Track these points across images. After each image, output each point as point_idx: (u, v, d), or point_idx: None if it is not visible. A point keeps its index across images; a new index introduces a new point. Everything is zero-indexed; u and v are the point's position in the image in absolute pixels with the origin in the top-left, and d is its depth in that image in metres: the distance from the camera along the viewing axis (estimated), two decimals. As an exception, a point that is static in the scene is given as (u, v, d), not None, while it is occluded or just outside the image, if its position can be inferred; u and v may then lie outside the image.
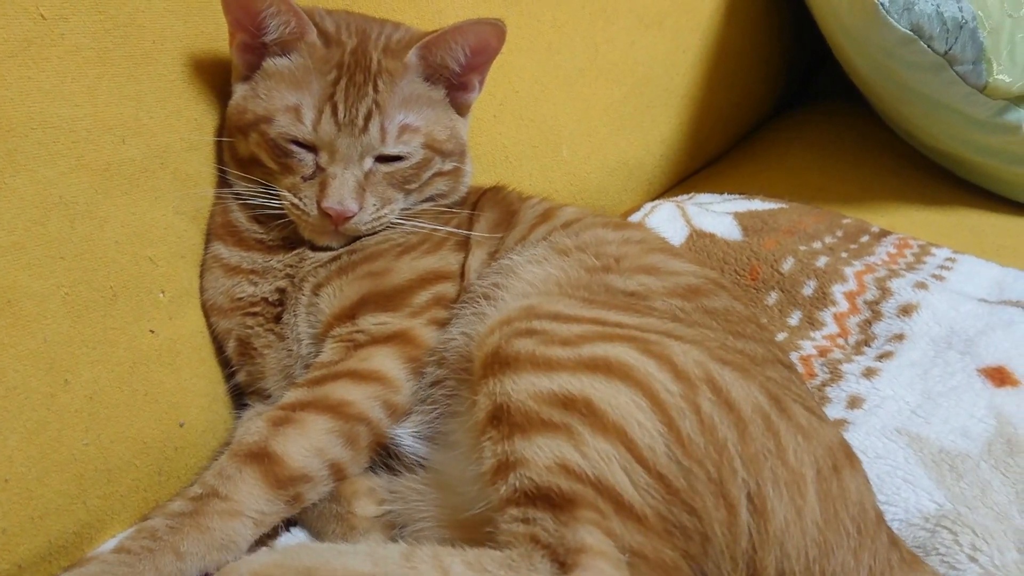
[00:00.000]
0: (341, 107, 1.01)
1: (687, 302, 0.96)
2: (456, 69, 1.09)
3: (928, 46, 1.36)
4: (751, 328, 0.97)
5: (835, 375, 1.14)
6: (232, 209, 1.08)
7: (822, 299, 1.27)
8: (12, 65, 0.88)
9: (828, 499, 0.75)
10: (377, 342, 0.99)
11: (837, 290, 1.28)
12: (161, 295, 1.01)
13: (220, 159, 1.09)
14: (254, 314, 1.05)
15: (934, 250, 1.42)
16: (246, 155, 1.05)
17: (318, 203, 1.01)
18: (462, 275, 1.06)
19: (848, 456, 0.81)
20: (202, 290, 1.07)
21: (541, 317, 0.86)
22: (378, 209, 1.04)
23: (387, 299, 1.02)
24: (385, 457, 0.97)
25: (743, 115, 1.98)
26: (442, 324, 1.02)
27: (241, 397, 1.09)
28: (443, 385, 0.96)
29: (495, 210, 1.14)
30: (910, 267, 1.38)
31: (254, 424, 0.92)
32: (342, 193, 1.01)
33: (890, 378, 1.11)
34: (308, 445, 0.90)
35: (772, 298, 1.29)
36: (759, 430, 0.77)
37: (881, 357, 1.16)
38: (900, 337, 1.19)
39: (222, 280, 1.06)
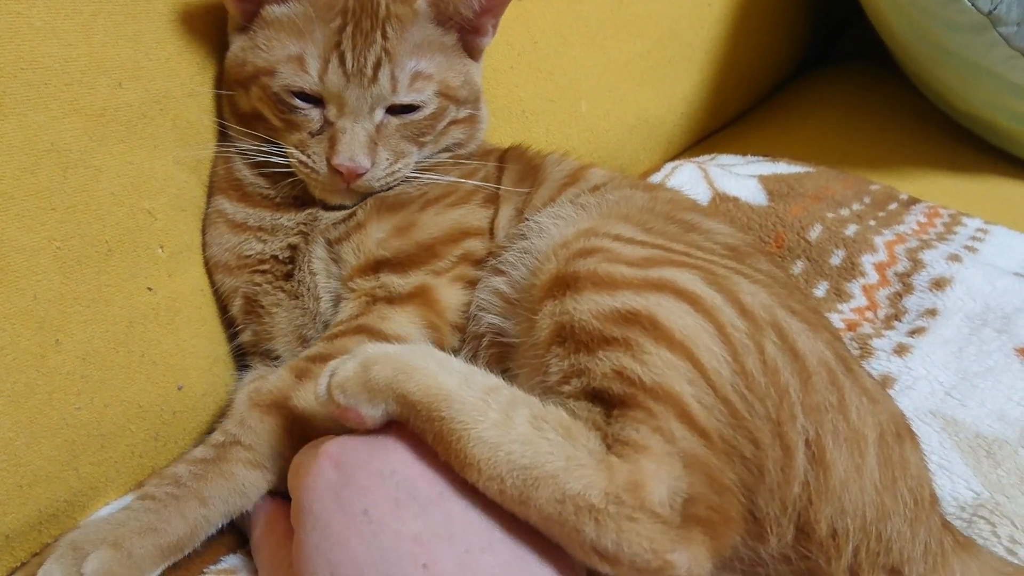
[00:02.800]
0: (348, 56, 0.94)
1: (731, 260, 0.91)
2: (469, 14, 1.02)
3: (971, 4, 1.28)
4: (798, 294, 0.92)
5: (865, 351, 1.08)
6: (235, 164, 1.01)
7: (850, 270, 1.22)
8: (1, 1, 0.81)
9: (888, 464, 0.72)
10: (396, 301, 0.94)
11: (866, 261, 1.22)
12: (160, 250, 0.95)
13: (220, 113, 1.02)
14: (263, 271, 1.00)
15: (965, 220, 1.36)
16: (248, 110, 0.99)
17: (328, 160, 0.95)
18: (491, 230, 1.01)
19: (910, 431, 0.78)
20: (205, 246, 1.01)
21: (602, 236, 0.84)
22: (391, 164, 0.98)
23: (410, 257, 0.96)
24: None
25: (766, 74, 1.91)
26: (470, 283, 0.97)
27: (243, 358, 1.04)
28: (485, 341, 0.93)
29: (518, 164, 1.08)
30: (940, 237, 1.32)
31: (276, 374, 0.89)
32: (353, 148, 0.94)
33: (923, 356, 1.06)
34: None
35: (798, 267, 1.23)
36: (823, 383, 0.74)
37: (913, 333, 1.11)
38: (932, 312, 1.14)
39: (228, 236, 1.00)
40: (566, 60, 1.38)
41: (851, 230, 1.26)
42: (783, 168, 1.44)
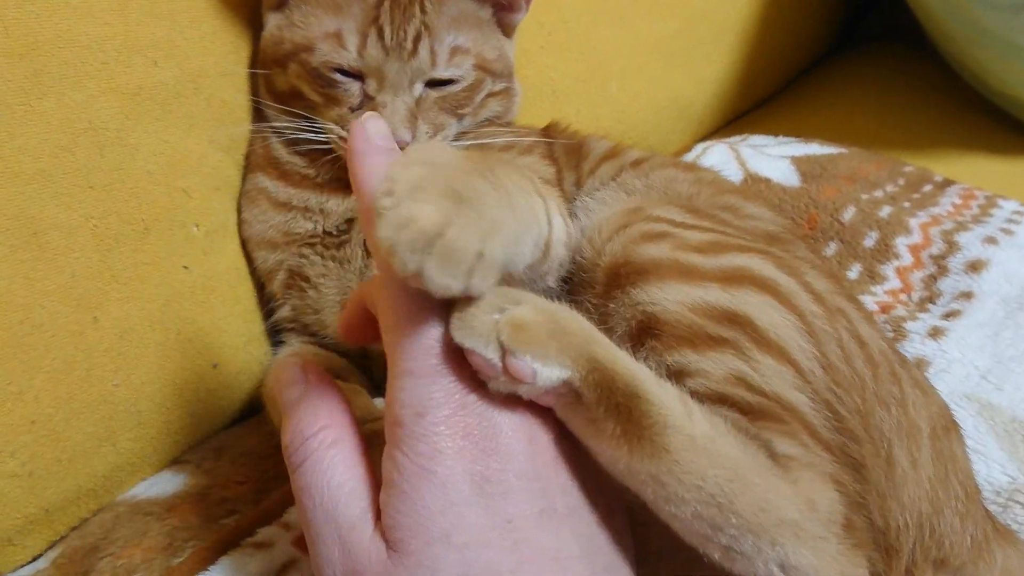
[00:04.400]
0: (387, 30, 0.94)
1: (771, 246, 0.90)
2: None
3: (1012, -16, 1.26)
4: (838, 281, 0.91)
5: (898, 334, 1.07)
6: (272, 143, 1.02)
7: (884, 252, 1.20)
8: (37, -23, 0.81)
9: (940, 458, 0.71)
10: None
11: (900, 243, 1.21)
12: (195, 229, 0.95)
13: (255, 92, 1.02)
14: (312, 244, 1.00)
15: (1001, 202, 1.34)
16: (285, 88, 0.99)
17: None
18: (561, 189, 1.00)
19: (955, 423, 0.77)
20: (244, 224, 1.01)
21: (656, 220, 0.79)
22: (431, 137, 0.98)
23: None
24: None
25: (797, 54, 1.89)
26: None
27: (276, 336, 1.05)
28: None
29: (562, 138, 1.09)
30: (976, 219, 1.30)
31: None
32: (393, 122, 0.94)
33: (957, 339, 1.05)
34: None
35: (831, 249, 1.22)
36: (886, 373, 0.72)
37: (947, 316, 1.10)
38: (968, 295, 1.12)
39: (271, 214, 1.00)
40: (596, 40, 1.37)
41: (885, 212, 1.24)
42: (815, 149, 1.42)
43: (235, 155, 1.02)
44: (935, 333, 1.06)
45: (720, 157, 1.37)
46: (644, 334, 0.72)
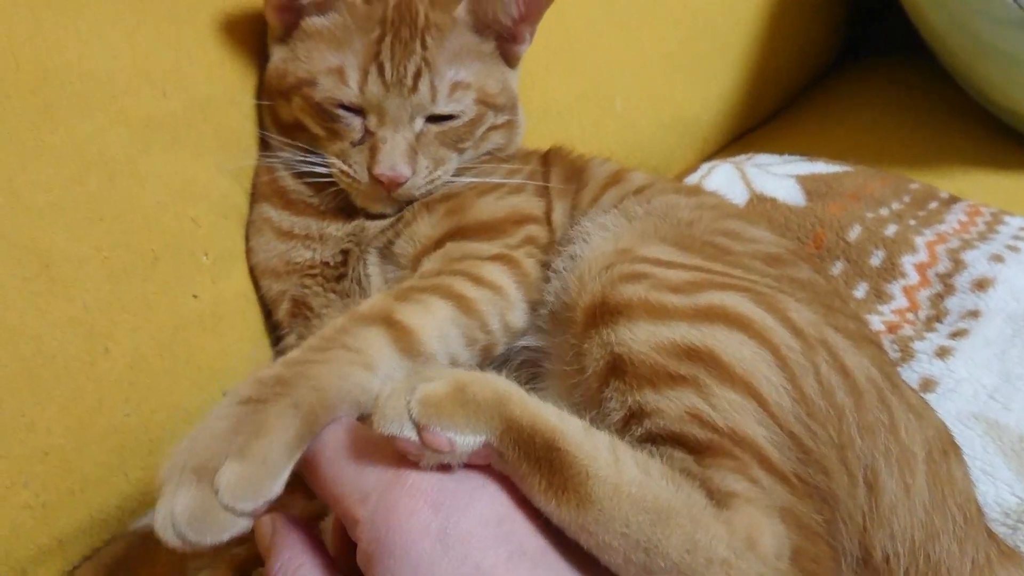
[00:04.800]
0: (388, 66, 0.95)
1: (772, 269, 0.91)
2: (507, 22, 1.03)
3: (1015, 1, 1.26)
4: (838, 303, 0.92)
5: (906, 354, 1.07)
6: (279, 173, 1.02)
7: (891, 270, 1.20)
8: (48, 10, 0.82)
9: (937, 482, 0.71)
10: (481, 259, 0.93)
11: (907, 261, 1.21)
12: (204, 257, 0.96)
13: (261, 122, 1.03)
14: (312, 275, 1.01)
15: (1007, 218, 1.34)
16: (289, 120, 1.00)
17: (369, 169, 0.96)
18: (548, 222, 1.01)
19: (954, 444, 0.77)
20: (251, 252, 1.02)
21: (641, 261, 0.81)
22: (431, 172, 0.99)
23: (476, 232, 0.97)
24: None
25: (801, 70, 1.89)
26: (541, 264, 0.96)
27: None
28: (519, 357, 0.92)
29: (562, 166, 1.09)
30: (982, 236, 1.30)
31: (373, 298, 0.84)
32: (393, 158, 0.95)
33: (965, 358, 1.05)
34: (435, 325, 0.82)
35: (837, 268, 1.22)
36: (873, 401, 0.72)
37: (954, 335, 1.10)
38: (975, 314, 1.12)
39: (275, 243, 1.01)
40: (601, 54, 1.38)
41: (891, 230, 1.25)
42: (821, 167, 1.42)
43: (243, 183, 1.03)
44: (942, 353, 1.07)
45: (725, 177, 1.38)
46: (610, 375, 0.74)
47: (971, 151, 1.62)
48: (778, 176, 1.38)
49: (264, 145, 1.04)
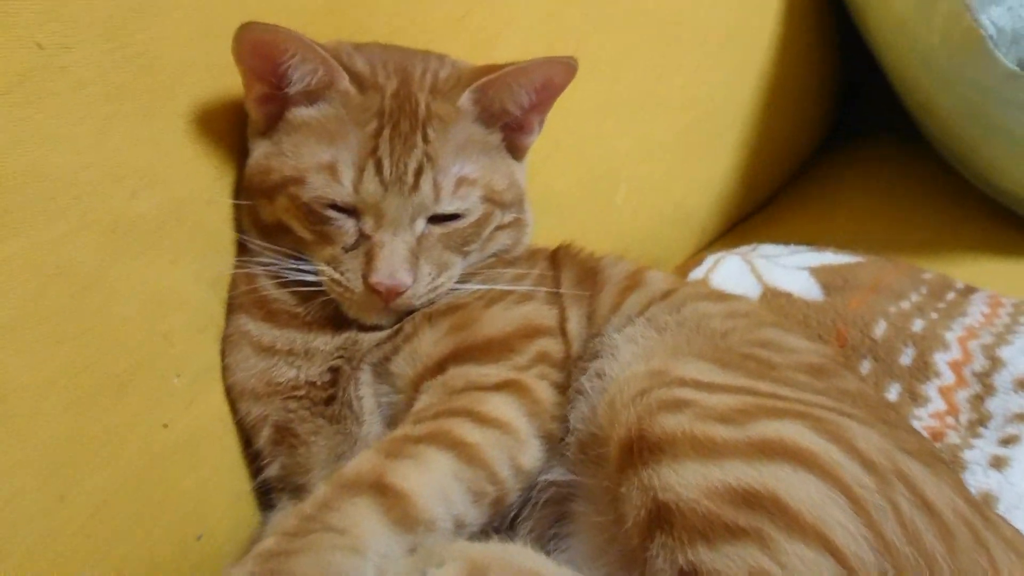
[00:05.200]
0: (386, 162, 0.85)
1: (818, 382, 0.82)
2: (516, 111, 0.94)
3: (1029, 81, 1.22)
4: (893, 415, 0.83)
5: (956, 465, 0.98)
6: (259, 280, 0.91)
7: (923, 369, 1.12)
8: (4, 103, 0.71)
9: None
10: (486, 389, 0.82)
11: (939, 359, 1.13)
12: (176, 379, 0.84)
13: (238, 225, 0.92)
14: (298, 397, 0.89)
15: (1029, 309, 1.28)
16: (271, 221, 0.89)
17: (364, 277, 0.85)
18: (563, 333, 0.91)
19: None
20: (227, 370, 0.90)
21: (679, 384, 0.73)
22: (434, 279, 0.89)
23: (482, 351, 0.86)
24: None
25: (794, 153, 1.84)
26: (557, 386, 0.86)
27: (267, 495, 0.92)
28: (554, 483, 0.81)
29: (573, 268, 0.99)
30: (1008, 329, 1.23)
31: (356, 458, 0.76)
32: (392, 264, 0.85)
33: (1023, 469, 0.96)
34: (434, 485, 0.73)
35: (865, 367, 1.14)
36: (967, 542, 0.64)
37: (1006, 442, 1.01)
38: (1022, 417, 1.04)
39: (254, 360, 0.89)
40: (603, 144, 1.30)
41: (918, 325, 1.17)
42: (831, 258, 1.35)
43: (220, 291, 0.92)
44: (997, 463, 0.97)
45: (735, 269, 1.30)
46: (655, 526, 0.65)
47: (973, 236, 1.57)
48: (789, 268, 1.30)
49: (243, 249, 0.93)
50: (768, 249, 1.40)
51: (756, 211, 1.74)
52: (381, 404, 0.89)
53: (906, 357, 1.13)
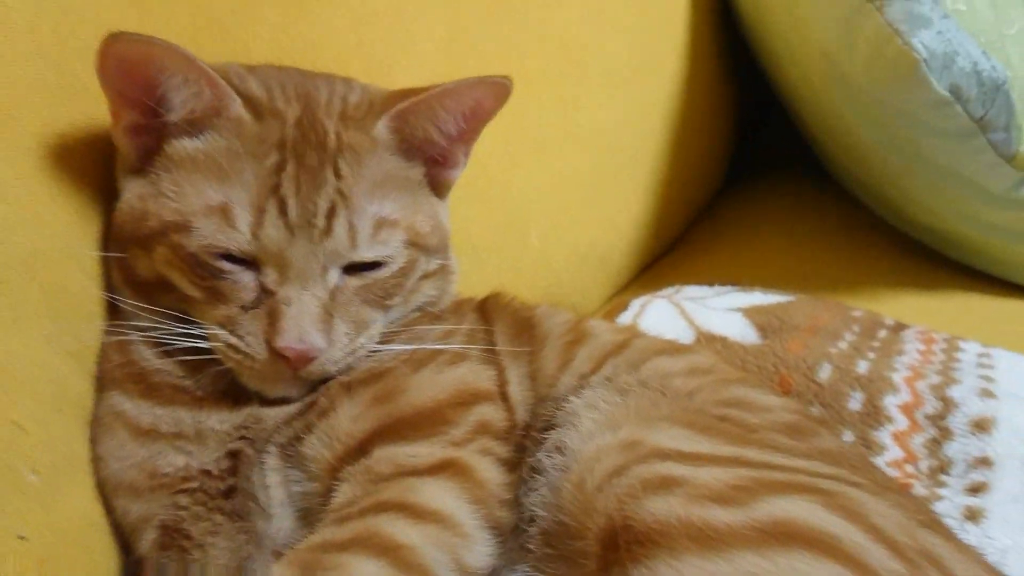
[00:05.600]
0: (291, 202, 0.71)
1: (798, 443, 0.73)
2: (441, 141, 0.81)
3: (964, 110, 1.17)
4: (880, 474, 0.75)
5: (929, 519, 0.90)
6: (135, 346, 0.75)
7: (874, 415, 1.04)
8: None
9: None
10: (419, 474, 0.69)
11: (890, 403, 1.05)
12: (32, 477, 0.66)
13: (107, 282, 0.76)
14: (189, 491, 0.73)
15: (962, 344, 1.22)
16: (149, 277, 0.73)
17: (268, 341, 0.71)
18: (504, 397, 0.78)
19: None
20: (99, 461, 0.74)
21: (659, 457, 0.63)
22: (351, 340, 0.75)
23: (411, 426, 0.72)
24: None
25: (700, 189, 1.78)
26: (502, 463, 0.73)
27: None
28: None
29: (506, 321, 0.87)
30: (948, 367, 1.17)
31: (274, 572, 0.62)
32: (302, 325, 0.71)
33: (1000, 521, 0.89)
34: None
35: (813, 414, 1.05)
36: None
37: (973, 490, 0.94)
38: (985, 462, 0.97)
39: (132, 447, 0.73)
40: (515, 182, 1.19)
41: (862, 367, 1.09)
42: (760, 298, 1.27)
43: (84, 361, 0.75)
44: (972, 515, 0.90)
45: (664, 314, 1.20)
46: None
47: (887, 270, 1.54)
48: (719, 310, 1.22)
49: (113, 312, 0.77)
50: (692, 291, 1.32)
51: (665, 252, 1.66)
52: (292, 494, 0.73)
53: (855, 402, 1.05)
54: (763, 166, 2.04)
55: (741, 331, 1.17)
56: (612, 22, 1.40)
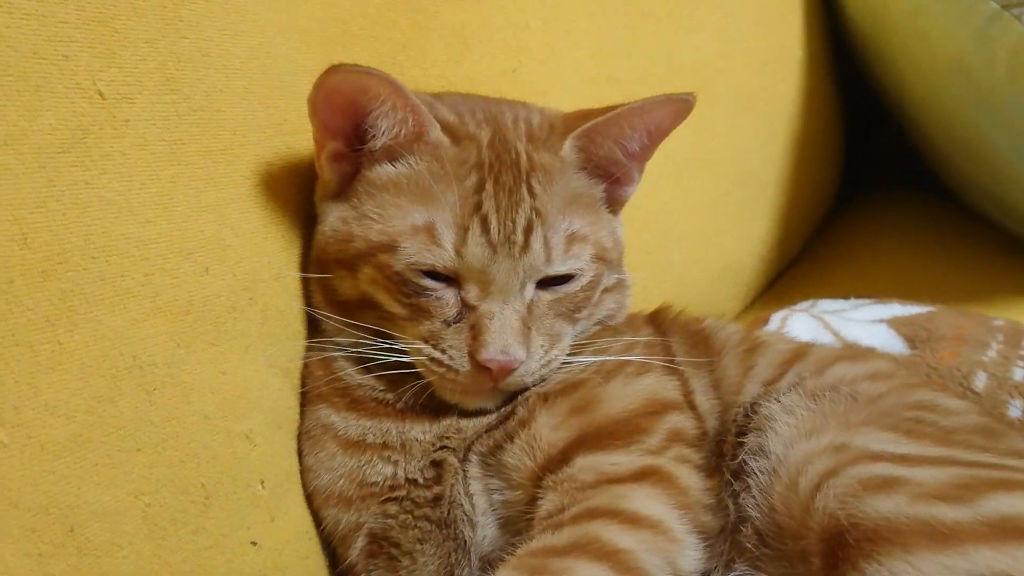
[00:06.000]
0: (493, 220, 0.74)
1: (996, 444, 0.73)
2: (623, 160, 0.82)
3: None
4: None
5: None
6: (338, 363, 0.78)
7: (1035, 423, 1.04)
8: (63, 163, 0.58)
9: None
10: (623, 481, 0.70)
11: (1051, 410, 1.04)
12: (260, 487, 0.70)
13: (308, 300, 0.79)
14: (397, 499, 0.76)
15: (1110, 351, 1.21)
16: (352, 296, 0.76)
17: (471, 354, 0.73)
18: (691, 407, 0.79)
19: None
20: (308, 472, 0.77)
21: (871, 459, 0.64)
22: (546, 352, 0.77)
23: (610, 436, 0.74)
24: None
25: (816, 208, 1.79)
26: (699, 470, 0.74)
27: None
28: None
29: (680, 333, 0.88)
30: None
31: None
32: (505, 338, 0.73)
33: None
34: None
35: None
36: None
37: None
38: None
39: (341, 459, 0.76)
40: (656, 205, 1.21)
41: (1019, 375, 1.08)
42: (900, 309, 1.26)
43: (292, 379, 0.79)
44: None
45: (807, 326, 1.20)
46: None
47: (1015, 282, 1.51)
48: (863, 323, 1.21)
49: (314, 330, 0.80)
50: (828, 304, 1.31)
51: (787, 268, 1.67)
52: (494, 502, 0.76)
53: (1015, 410, 1.04)
54: (871, 185, 2.03)
55: (888, 342, 1.16)
56: (739, 47, 1.43)
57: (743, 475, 0.72)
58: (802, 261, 1.71)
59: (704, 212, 1.32)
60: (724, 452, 0.76)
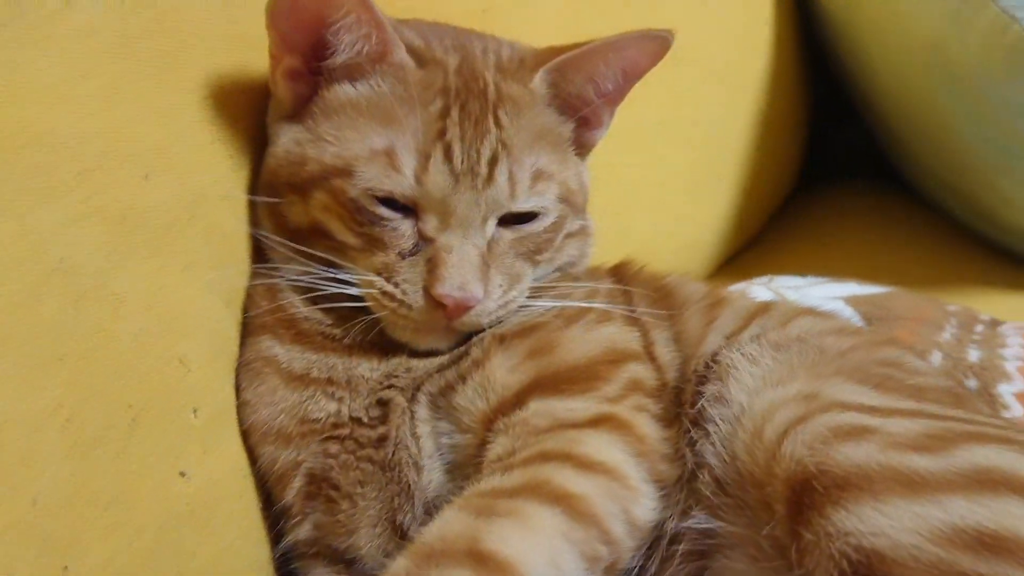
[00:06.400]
0: (457, 148, 0.70)
1: (961, 410, 0.71)
2: (594, 99, 0.79)
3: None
4: None
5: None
6: (284, 293, 0.73)
7: (990, 403, 1.02)
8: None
9: None
10: (579, 426, 0.67)
11: (1005, 391, 1.03)
12: (193, 416, 0.66)
13: (255, 225, 0.75)
14: (339, 438, 0.71)
15: (1059, 341, 1.22)
16: (303, 223, 0.72)
17: (426, 289, 0.69)
18: (651, 358, 0.76)
19: None
20: (246, 407, 0.72)
21: (841, 408, 0.62)
22: (505, 292, 0.73)
23: (567, 381, 0.70)
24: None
25: (776, 189, 1.78)
26: (657, 420, 0.71)
27: (287, 564, 0.74)
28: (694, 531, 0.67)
29: (642, 286, 0.85)
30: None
31: (439, 519, 0.61)
32: (463, 273, 0.69)
33: None
34: (542, 550, 0.58)
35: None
36: None
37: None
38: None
39: (283, 393, 0.71)
40: (623, 170, 1.18)
41: (975, 356, 1.08)
42: (856, 288, 1.26)
43: (234, 309, 0.74)
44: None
45: (764, 299, 1.19)
46: None
47: (971, 271, 1.52)
48: (822, 299, 1.20)
49: (260, 258, 0.75)
50: (786, 280, 1.30)
51: (744, 247, 1.66)
52: (441, 446, 0.72)
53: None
54: (831, 173, 2.03)
55: (847, 319, 1.16)
56: (711, 18, 1.40)
57: (702, 423, 0.70)
58: (761, 242, 1.70)
59: (672, 181, 1.30)
60: (683, 401, 0.74)
